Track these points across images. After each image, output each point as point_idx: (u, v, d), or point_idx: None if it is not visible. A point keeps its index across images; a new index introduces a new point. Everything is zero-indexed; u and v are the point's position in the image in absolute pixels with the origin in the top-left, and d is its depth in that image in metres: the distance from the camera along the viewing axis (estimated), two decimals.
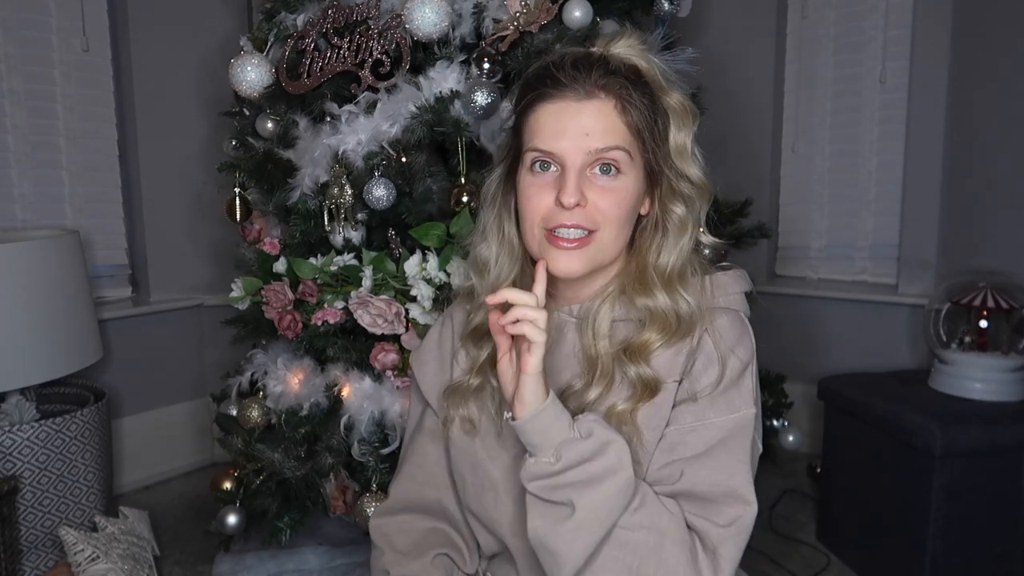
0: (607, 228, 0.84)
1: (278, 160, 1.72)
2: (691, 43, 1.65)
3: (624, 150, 0.83)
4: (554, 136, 0.82)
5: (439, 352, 1.01)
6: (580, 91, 0.82)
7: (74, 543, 1.70)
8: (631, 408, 0.84)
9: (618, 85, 0.83)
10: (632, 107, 0.83)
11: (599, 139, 0.82)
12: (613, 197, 0.83)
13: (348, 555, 1.75)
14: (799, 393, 2.40)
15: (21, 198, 2.25)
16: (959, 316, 1.96)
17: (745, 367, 0.86)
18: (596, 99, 0.82)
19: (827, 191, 2.68)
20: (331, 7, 1.66)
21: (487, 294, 0.92)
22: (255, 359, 1.80)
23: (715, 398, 0.84)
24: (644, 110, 0.84)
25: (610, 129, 0.82)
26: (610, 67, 0.83)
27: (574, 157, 0.82)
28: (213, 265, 2.56)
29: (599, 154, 0.82)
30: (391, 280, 1.58)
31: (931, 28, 2.34)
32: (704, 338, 0.86)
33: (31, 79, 2.24)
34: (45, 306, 1.78)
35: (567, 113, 0.82)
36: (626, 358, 0.85)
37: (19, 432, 1.74)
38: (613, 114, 0.83)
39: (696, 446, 0.83)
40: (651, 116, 0.85)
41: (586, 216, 0.83)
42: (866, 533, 1.88)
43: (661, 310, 0.85)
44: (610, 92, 0.83)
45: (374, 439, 1.60)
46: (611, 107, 0.82)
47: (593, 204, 0.83)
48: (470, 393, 0.92)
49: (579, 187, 0.82)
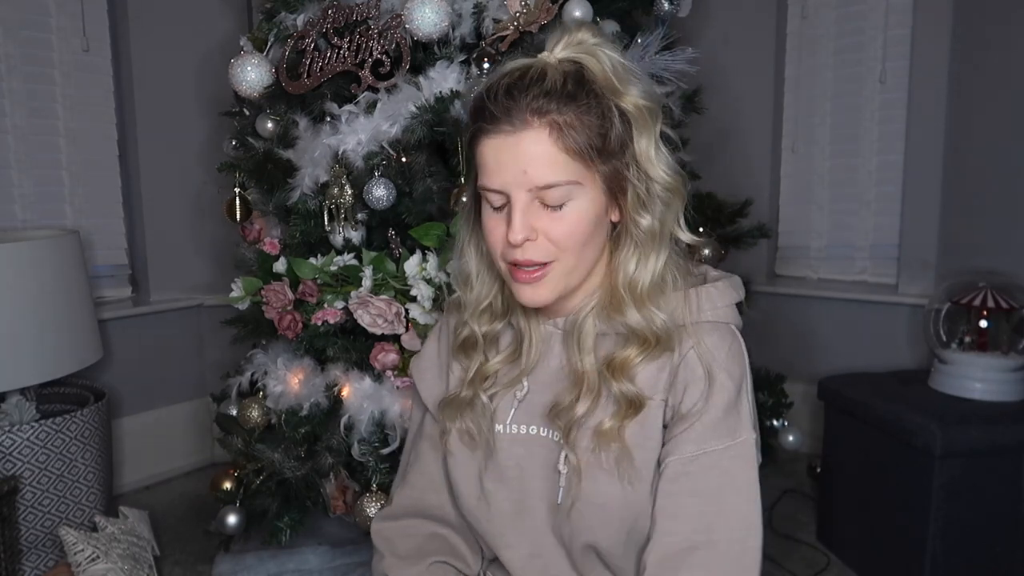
0: (564, 257, 0.81)
1: (278, 160, 1.72)
2: (691, 43, 1.66)
3: (567, 183, 0.78)
4: (495, 173, 0.79)
5: (438, 360, 1.01)
6: (513, 122, 0.77)
7: (74, 543, 1.70)
8: (618, 425, 0.82)
9: (553, 108, 0.77)
10: (571, 130, 0.77)
11: (538, 175, 0.77)
12: (563, 227, 0.79)
13: (348, 555, 1.75)
14: (799, 393, 2.40)
15: (21, 198, 2.25)
16: (959, 316, 1.96)
17: (739, 387, 0.83)
18: (530, 128, 0.77)
19: (827, 191, 2.68)
20: (331, 7, 1.66)
21: (471, 308, 0.92)
22: (255, 359, 1.80)
23: (714, 424, 0.81)
24: (589, 126, 0.78)
25: (549, 161, 0.77)
26: (545, 86, 0.77)
27: (516, 193, 0.78)
28: (213, 265, 2.56)
29: (542, 191, 0.78)
30: (391, 280, 1.58)
31: (931, 28, 2.34)
32: (690, 355, 0.83)
33: (31, 79, 2.24)
34: (45, 306, 1.78)
35: (503, 148, 0.78)
36: (609, 374, 0.83)
37: (19, 432, 1.74)
38: (548, 143, 0.77)
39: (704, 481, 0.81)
40: (601, 127, 0.79)
41: (538, 250, 0.80)
42: (866, 533, 1.88)
43: (635, 327, 0.83)
44: (544, 117, 0.77)
45: (374, 439, 1.60)
46: (545, 136, 0.77)
47: (544, 235, 0.79)
48: (465, 406, 0.91)
49: (525, 223, 0.78)
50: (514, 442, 0.90)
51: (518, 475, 0.89)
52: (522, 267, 0.81)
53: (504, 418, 0.91)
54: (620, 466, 0.82)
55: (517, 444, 0.90)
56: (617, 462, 0.82)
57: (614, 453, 0.82)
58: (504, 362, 0.92)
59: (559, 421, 0.85)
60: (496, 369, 0.92)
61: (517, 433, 0.90)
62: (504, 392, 0.91)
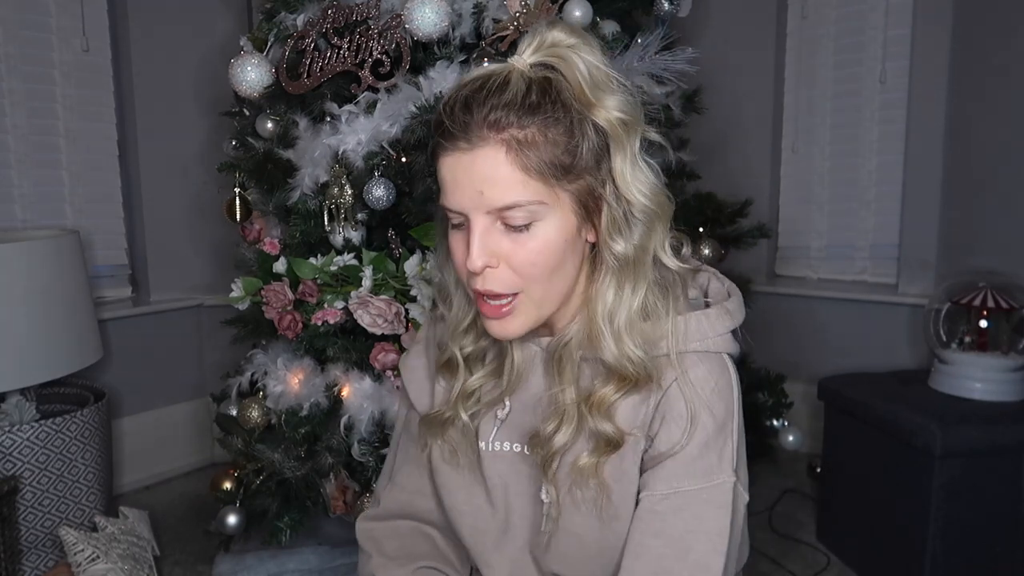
0: (530, 287, 0.75)
1: (278, 160, 1.72)
2: (691, 43, 1.66)
3: (528, 204, 0.71)
4: (452, 193, 0.73)
5: (427, 361, 0.97)
6: (469, 138, 0.71)
7: (74, 543, 1.70)
8: (595, 462, 0.78)
9: (512, 121, 0.70)
10: (531, 147, 0.70)
11: (495, 196, 0.71)
12: (526, 254, 0.73)
13: (348, 555, 1.76)
14: (799, 393, 2.40)
15: (21, 198, 2.25)
16: (959, 316, 1.96)
17: (722, 426, 0.77)
18: (486, 145, 0.70)
19: (827, 191, 2.68)
20: (331, 7, 1.66)
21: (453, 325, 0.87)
22: (255, 359, 1.80)
23: (689, 463, 0.76)
24: (555, 142, 0.71)
25: (505, 182, 0.70)
26: (504, 97, 0.70)
27: (474, 215, 0.72)
28: (213, 265, 2.56)
29: (499, 213, 0.72)
30: (391, 280, 1.58)
31: (931, 28, 2.34)
32: (672, 391, 0.77)
33: (31, 79, 2.24)
34: (45, 306, 1.78)
35: (459, 167, 0.72)
36: (587, 411, 0.78)
37: (19, 432, 1.74)
38: (506, 163, 0.70)
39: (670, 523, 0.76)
40: (569, 143, 0.72)
41: (499, 280, 0.74)
42: (866, 533, 1.88)
43: (612, 364, 0.77)
44: (502, 133, 0.70)
45: (374, 439, 1.60)
46: (502, 154, 0.70)
47: (506, 262, 0.73)
48: (447, 424, 0.88)
49: (484, 248, 0.72)
50: (497, 459, 0.88)
51: (503, 493, 0.88)
52: (487, 299, 0.76)
53: (487, 436, 0.88)
54: (597, 503, 0.79)
55: (501, 461, 0.88)
56: (594, 499, 0.79)
57: (592, 489, 0.79)
58: (487, 378, 0.87)
59: (539, 451, 0.81)
60: (479, 385, 0.87)
61: (500, 450, 0.87)
62: (486, 411, 0.88)
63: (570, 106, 0.72)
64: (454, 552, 0.98)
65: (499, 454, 0.88)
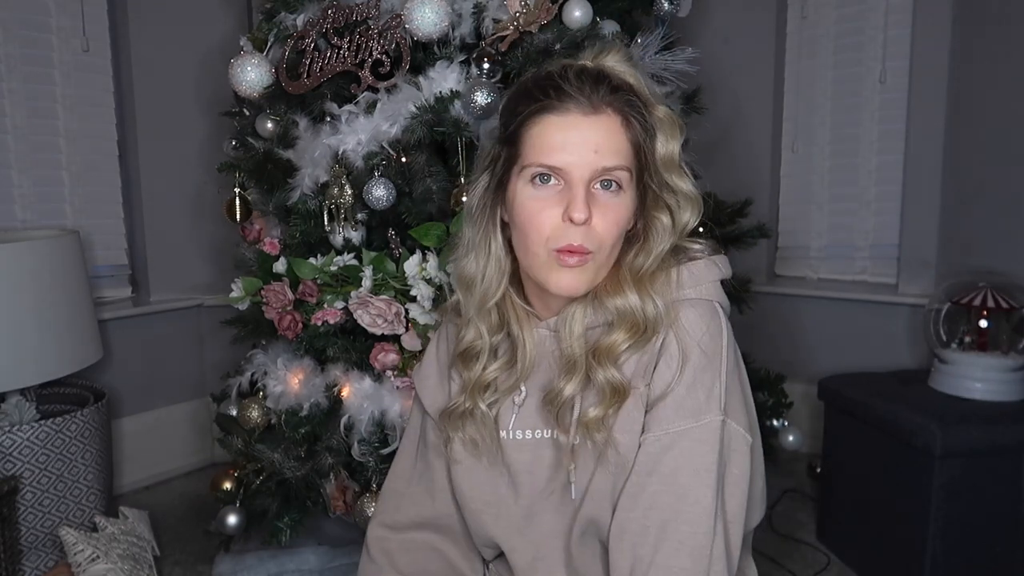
0: (602, 249, 0.82)
1: (278, 160, 1.72)
2: (691, 43, 1.66)
3: (627, 169, 0.82)
4: (559, 151, 0.80)
5: (438, 368, 1.00)
6: (587, 104, 0.80)
7: (74, 543, 1.70)
8: (602, 414, 0.82)
9: (622, 101, 0.82)
10: (634, 124, 0.82)
11: (607, 157, 0.80)
12: (613, 216, 0.82)
13: (348, 555, 1.76)
14: (799, 393, 2.40)
15: (21, 198, 2.25)
16: (959, 316, 1.96)
17: (710, 361, 0.82)
18: (604, 114, 0.81)
19: (827, 191, 2.68)
20: (331, 7, 1.66)
21: (474, 310, 0.90)
22: (255, 359, 1.80)
23: (678, 404, 0.81)
24: (641, 125, 0.83)
25: (616, 146, 0.81)
26: (612, 82, 0.82)
27: (581, 172, 0.80)
28: (213, 265, 2.56)
29: (605, 172, 0.80)
30: (391, 280, 1.58)
31: (931, 28, 2.34)
32: (668, 337, 0.83)
33: (31, 79, 2.24)
34: (45, 306, 1.78)
35: (575, 127, 0.80)
36: (595, 361, 0.83)
37: (19, 432, 1.74)
38: (619, 131, 0.81)
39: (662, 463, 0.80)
40: (645, 132, 0.83)
41: (587, 236, 0.81)
42: (866, 533, 1.88)
43: (630, 309, 0.83)
44: (615, 108, 0.81)
45: (374, 439, 1.60)
46: (617, 124, 0.81)
47: (595, 223, 0.81)
48: (466, 416, 0.91)
49: (587, 202, 0.80)
50: (519, 448, 0.90)
51: (529, 480, 0.90)
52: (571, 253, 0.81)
53: (507, 424, 0.91)
54: (605, 455, 0.83)
55: (523, 450, 0.90)
56: (601, 451, 0.83)
57: (599, 442, 0.82)
58: (501, 369, 0.91)
59: (551, 407, 0.85)
60: (494, 377, 0.91)
61: (522, 439, 0.90)
62: (503, 398, 0.91)
63: (643, 103, 0.84)
64: (466, 566, 0.99)
65: (521, 443, 0.90)
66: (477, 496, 0.93)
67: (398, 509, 1.01)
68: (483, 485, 0.92)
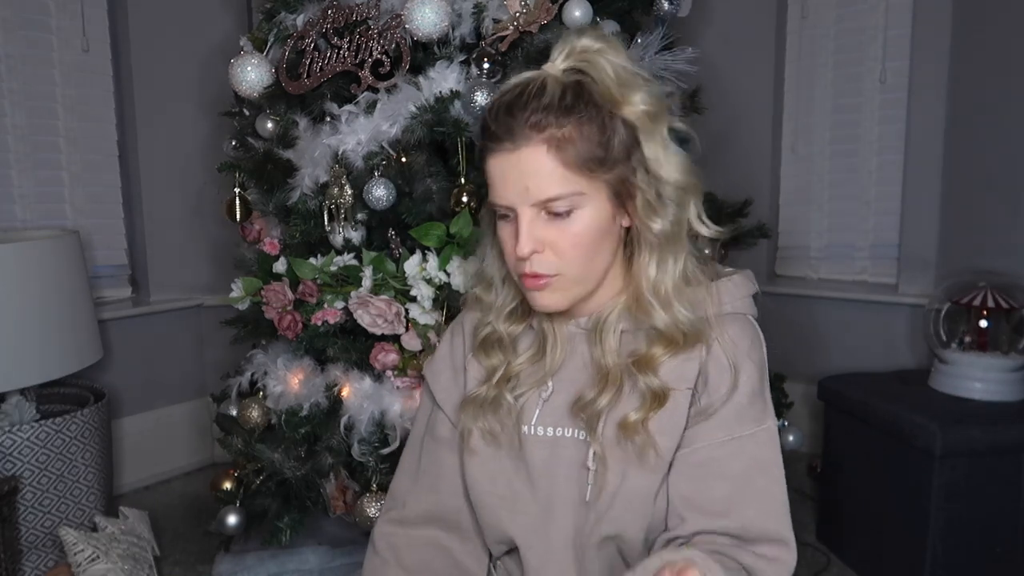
0: (570, 268, 0.82)
1: (278, 160, 1.72)
2: (691, 43, 1.66)
3: (569, 196, 0.79)
4: (500, 190, 0.81)
5: (451, 361, 1.00)
6: (512, 139, 0.79)
7: (74, 543, 1.70)
8: (643, 418, 0.83)
9: (551, 121, 0.78)
10: (569, 143, 0.78)
11: (540, 190, 0.79)
12: (568, 239, 0.81)
13: (348, 555, 1.76)
14: (799, 393, 2.40)
15: (21, 198, 2.25)
16: (959, 316, 1.96)
17: (761, 373, 0.86)
18: (528, 145, 0.78)
19: (827, 191, 2.68)
20: (331, 7, 1.66)
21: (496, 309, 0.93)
22: (255, 359, 1.80)
23: (740, 411, 0.84)
24: (589, 137, 0.79)
25: (548, 176, 0.78)
26: (543, 100, 0.78)
27: (521, 208, 0.80)
28: (213, 265, 2.56)
29: (545, 204, 0.80)
30: (391, 280, 1.58)
31: (931, 28, 2.34)
32: (715, 348, 0.85)
33: (31, 79, 2.24)
34: (45, 306, 1.78)
35: (505, 166, 0.80)
36: (635, 369, 0.85)
37: (19, 432, 1.74)
38: (547, 158, 0.78)
39: (732, 466, 0.83)
40: (602, 138, 0.79)
41: (544, 263, 0.81)
42: (866, 533, 1.88)
43: (663, 328, 0.84)
44: (542, 132, 0.78)
45: (374, 439, 1.60)
46: (543, 152, 0.78)
47: (551, 247, 0.81)
48: (488, 405, 0.91)
49: (531, 237, 0.80)
50: (539, 444, 0.90)
51: (546, 477, 0.90)
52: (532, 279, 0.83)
53: (529, 419, 0.91)
54: (644, 456, 0.84)
55: (542, 447, 0.90)
56: (640, 453, 0.84)
57: (639, 444, 0.83)
58: (528, 363, 0.92)
59: (583, 414, 0.86)
60: (519, 370, 0.92)
61: (543, 435, 0.90)
62: (529, 393, 0.91)
63: (601, 105, 0.80)
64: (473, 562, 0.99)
65: (541, 439, 0.90)
66: (493, 490, 0.92)
67: (405, 505, 1.01)
68: (499, 478, 0.92)
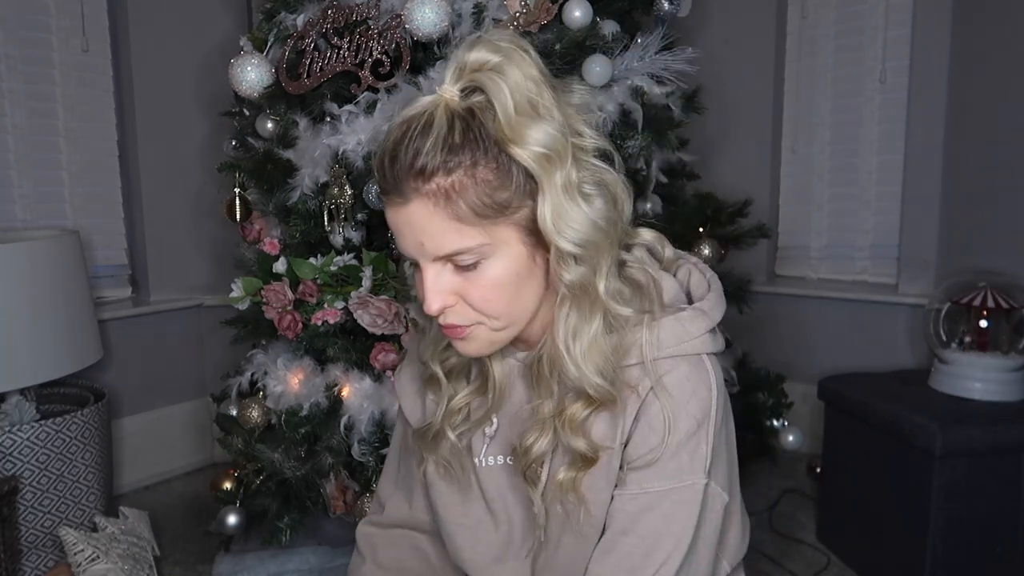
0: (489, 316, 0.74)
1: (278, 160, 1.72)
2: (691, 43, 1.67)
3: (471, 249, 0.70)
4: (400, 241, 0.73)
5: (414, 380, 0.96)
6: (399, 191, 0.69)
7: (74, 543, 1.70)
8: (572, 476, 0.78)
9: (438, 169, 0.67)
10: (460, 194, 0.67)
11: (436, 247, 0.70)
12: (479, 291, 0.72)
13: (348, 555, 1.74)
14: (799, 393, 2.40)
15: (21, 198, 2.25)
16: (959, 316, 1.96)
17: (698, 426, 0.76)
18: (416, 199, 0.68)
19: (827, 191, 2.68)
20: (331, 7, 1.66)
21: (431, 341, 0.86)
22: (255, 359, 1.80)
23: (663, 464, 0.76)
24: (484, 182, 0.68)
25: (441, 233, 0.69)
26: (427, 142, 0.67)
27: (423, 263, 0.72)
28: (213, 265, 2.56)
29: (444, 260, 0.71)
30: (391, 280, 1.58)
31: (931, 28, 2.34)
32: (650, 397, 0.76)
33: (31, 79, 2.24)
34: (45, 306, 1.78)
35: (397, 220, 0.71)
36: (560, 427, 0.77)
37: (19, 432, 1.74)
38: (436, 216, 0.68)
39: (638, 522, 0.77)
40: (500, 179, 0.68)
41: (458, 315, 0.74)
42: (866, 533, 1.88)
43: (576, 385, 0.76)
44: (428, 184, 0.67)
45: (374, 439, 1.60)
46: (431, 207, 0.68)
47: (463, 298, 0.73)
48: (432, 440, 0.87)
49: (438, 293, 0.72)
50: (492, 473, 0.87)
51: (503, 505, 0.87)
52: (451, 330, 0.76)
53: (479, 452, 0.88)
54: (576, 516, 0.79)
55: (497, 474, 0.87)
56: (571, 512, 0.79)
57: (570, 504, 0.79)
58: (473, 395, 0.86)
59: (520, 463, 0.81)
60: (465, 403, 0.86)
61: (494, 464, 0.87)
62: (474, 428, 0.87)
63: (497, 139, 0.68)
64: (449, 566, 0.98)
65: (493, 468, 0.87)
66: (452, 519, 0.91)
67: (384, 508, 1.02)
68: (456, 508, 0.90)
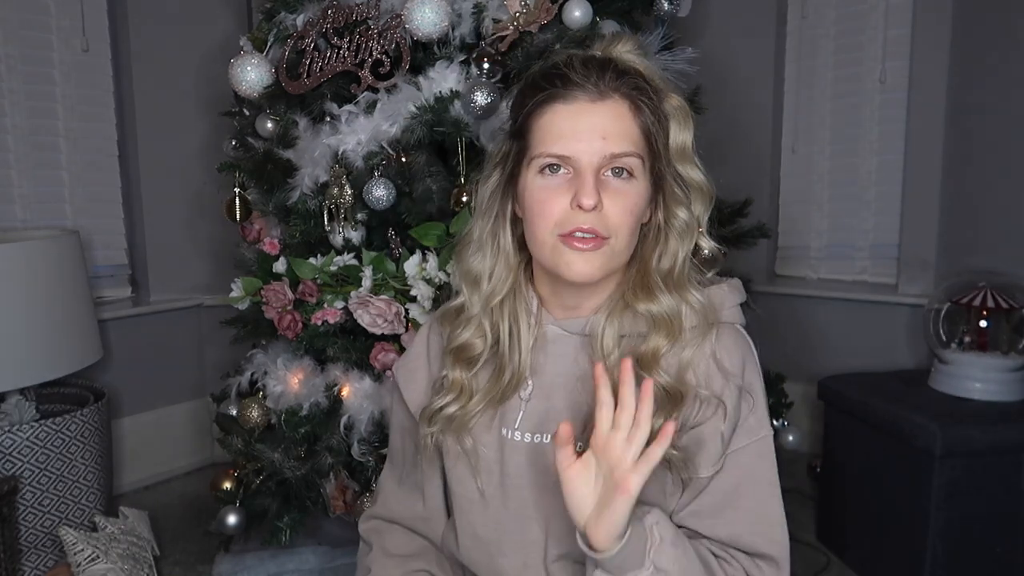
0: (618, 235, 0.80)
1: (278, 160, 1.72)
2: (691, 43, 1.65)
3: (638, 156, 0.80)
4: (568, 139, 0.79)
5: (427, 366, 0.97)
6: (594, 91, 0.79)
7: (74, 543, 1.70)
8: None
9: (629, 87, 0.81)
10: (644, 110, 0.81)
11: (615, 143, 0.79)
12: (625, 202, 0.80)
13: (348, 555, 1.76)
14: (799, 393, 2.40)
15: (21, 198, 2.25)
16: (959, 316, 1.96)
17: (761, 388, 0.85)
18: (610, 100, 0.80)
19: (827, 191, 2.68)
20: (331, 7, 1.66)
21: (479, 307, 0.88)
22: (255, 359, 1.80)
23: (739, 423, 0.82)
24: (653, 112, 0.82)
25: (625, 133, 0.80)
26: (619, 68, 0.81)
27: (590, 159, 0.78)
28: (213, 265, 2.56)
29: (614, 159, 0.79)
30: (391, 280, 1.58)
31: (931, 28, 2.34)
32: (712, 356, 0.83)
33: (31, 79, 2.24)
34: (45, 306, 1.78)
35: (582, 114, 0.79)
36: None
37: (19, 432, 1.74)
38: (628, 117, 0.80)
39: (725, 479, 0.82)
40: (657, 120, 0.82)
41: (600, 221, 0.79)
42: (866, 533, 1.88)
43: (665, 314, 0.82)
44: (623, 94, 0.80)
45: (374, 439, 1.60)
46: (625, 109, 0.80)
47: (606, 209, 0.79)
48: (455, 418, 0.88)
49: (596, 188, 0.78)
50: (516, 449, 0.88)
51: (518, 484, 0.88)
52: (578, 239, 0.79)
53: (512, 423, 0.88)
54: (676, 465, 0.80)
55: (519, 452, 0.88)
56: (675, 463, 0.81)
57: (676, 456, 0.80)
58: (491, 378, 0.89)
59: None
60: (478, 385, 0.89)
61: (520, 441, 0.88)
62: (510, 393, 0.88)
63: (654, 91, 0.83)
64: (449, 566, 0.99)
65: (519, 445, 0.88)
66: (464, 493, 0.91)
67: (386, 505, 1.02)
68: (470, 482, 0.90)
